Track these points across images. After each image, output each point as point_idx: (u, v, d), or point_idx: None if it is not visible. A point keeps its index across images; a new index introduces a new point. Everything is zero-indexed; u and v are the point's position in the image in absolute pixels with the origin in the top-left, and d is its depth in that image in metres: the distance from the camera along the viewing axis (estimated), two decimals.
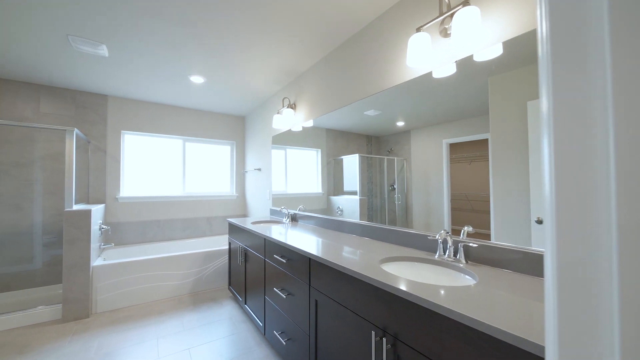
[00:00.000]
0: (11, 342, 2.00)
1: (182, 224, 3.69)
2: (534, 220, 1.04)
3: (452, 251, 1.22)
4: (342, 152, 2.03)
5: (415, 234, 1.45)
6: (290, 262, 1.60)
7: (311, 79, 2.46)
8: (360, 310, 1.09)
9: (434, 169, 1.38)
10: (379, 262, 1.22)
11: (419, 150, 1.45)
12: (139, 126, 3.43)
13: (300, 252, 1.46)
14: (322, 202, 2.25)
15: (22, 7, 1.65)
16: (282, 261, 1.67)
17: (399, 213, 1.57)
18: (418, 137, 1.45)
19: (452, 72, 1.31)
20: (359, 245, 1.56)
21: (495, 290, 0.87)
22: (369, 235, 1.75)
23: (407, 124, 1.51)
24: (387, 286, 0.93)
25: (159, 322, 2.31)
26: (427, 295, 0.83)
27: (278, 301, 1.75)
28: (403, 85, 1.55)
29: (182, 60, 2.35)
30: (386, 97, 1.67)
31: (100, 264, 2.51)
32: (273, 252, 1.82)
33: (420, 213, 1.45)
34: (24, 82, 2.82)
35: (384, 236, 1.64)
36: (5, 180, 2.73)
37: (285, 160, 2.93)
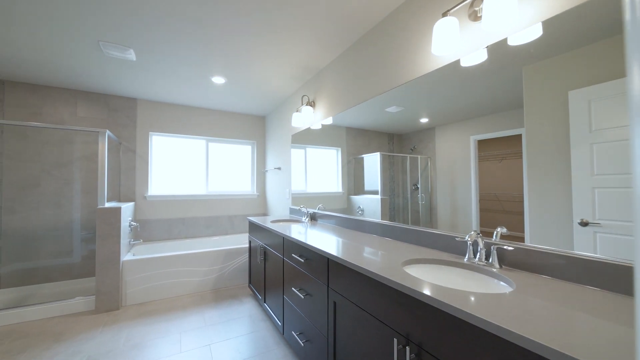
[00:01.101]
0: (49, 330, 2.14)
1: (205, 221, 3.79)
2: (577, 222, 0.92)
3: (483, 254, 1.11)
4: (362, 150, 1.98)
5: (440, 234, 1.35)
6: (309, 262, 1.56)
7: (330, 75, 2.41)
8: (381, 314, 1.02)
9: (461, 167, 1.29)
10: (402, 264, 1.14)
11: (444, 148, 1.37)
12: (165, 127, 3.57)
13: (319, 251, 1.41)
14: (342, 202, 2.21)
15: (58, 17, 1.76)
16: (301, 261, 1.64)
17: (422, 213, 1.50)
18: (443, 134, 1.37)
19: (482, 59, 1.21)
20: (380, 245, 1.48)
21: (535, 300, 0.77)
22: (390, 235, 1.67)
23: (431, 120, 1.44)
24: (411, 291, 0.86)
25: (182, 316, 2.37)
26: (457, 302, 0.75)
27: (296, 301, 1.72)
28: (428, 75, 1.46)
29: (203, 62, 2.40)
30: (409, 91, 1.59)
31: (129, 259, 2.63)
32: (291, 252, 1.80)
33: (445, 213, 1.37)
34: (63, 89, 3.03)
35: (406, 236, 1.55)
36: (47, 179, 2.95)
37: (304, 159, 2.91)
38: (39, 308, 2.31)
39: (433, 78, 1.43)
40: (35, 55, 2.26)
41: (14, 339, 2.02)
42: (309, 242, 1.57)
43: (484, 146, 1.20)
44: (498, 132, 1.15)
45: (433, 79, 1.43)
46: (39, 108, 2.93)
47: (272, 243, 2.17)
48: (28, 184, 2.87)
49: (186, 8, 1.71)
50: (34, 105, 2.91)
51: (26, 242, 2.85)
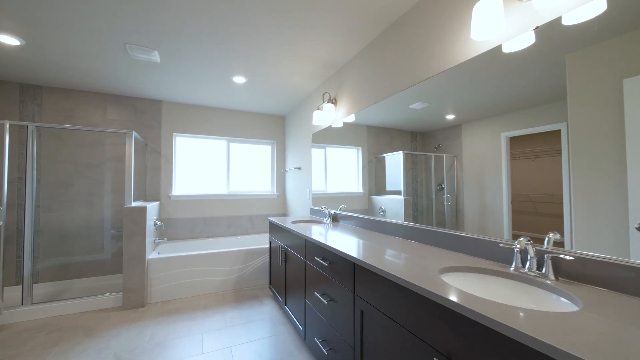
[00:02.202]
0: (81, 324, 2.22)
1: (226, 221, 3.82)
2: (634, 227, 0.79)
3: (534, 263, 0.98)
4: (384, 149, 1.91)
5: (478, 239, 1.22)
6: (333, 266, 1.48)
7: (353, 71, 2.32)
8: (417, 329, 0.92)
9: (490, 166, 1.21)
10: (439, 271, 1.03)
11: (471, 145, 1.29)
12: (188, 128, 3.64)
13: (344, 255, 1.33)
14: (363, 202, 2.14)
15: (87, 23, 1.81)
16: (324, 264, 1.56)
17: (448, 215, 1.42)
18: (471, 131, 1.30)
19: (528, 44, 1.07)
20: (408, 249, 1.37)
21: (611, 322, 0.64)
22: (416, 238, 1.55)
23: (458, 116, 1.36)
24: (456, 305, 0.75)
25: (204, 316, 2.37)
26: (516, 322, 0.63)
27: (319, 306, 1.64)
28: (462, 65, 1.33)
29: (225, 61, 2.40)
30: (437, 85, 1.48)
31: (154, 257, 2.69)
32: (314, 254, 1.72)
33: (473, 215, 1.29)
34: (94, 92, 3.16)
35: (436, 240, 1.42)
36: (80, 179, 3.09)
37: (324, 159, 2.86)
38: (73, 303, 2.41)
39: (468, 68, 1.31)
40: (67, 60, 2.36)
41: (49, 331, 2.11)
42: (332, 244, 1.49)
43: (515, 144, 1.12)
44: (533, 128, 1.06)
45: (467, 69, 1.31)
46: (72, 112, 3.08)
47: (293, 244, 2.11)
48: (63, 184, 3.02)
49: (208, 7, 1.69)
50: (68, 109, 3.06)
51: (62, 239, 3.00)
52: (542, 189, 1.03)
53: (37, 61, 2.37)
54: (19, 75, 2.70)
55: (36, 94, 2.94)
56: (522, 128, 1.09)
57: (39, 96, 2.95)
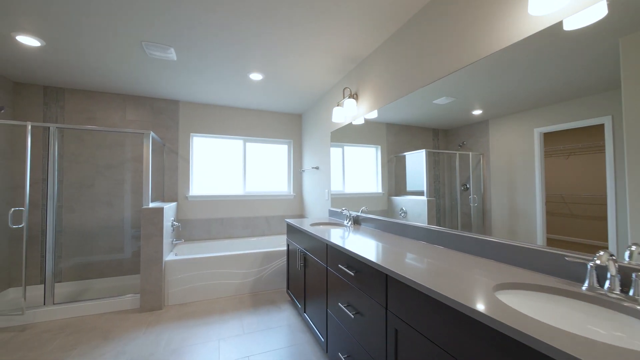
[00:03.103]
0: (99, 326, 2.19)
1: (243, 222, 3.76)
2: None
3: (616, 283, 0.80)
4: (404, 148, 1.83)
5: (535, 249, 1.04)
6: (360, 276, 1.34)
7: (375, 64, 2.17)
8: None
9: (521, 165, 1.13)
10: (492, 289, 0.87)
11: (500, 143, 1.21)
12: (205, 128, 3.61)
13: (374, 265, 1.18)
14: (382, 203, 2.05)
15: (104, 21, 1.77)
16: (349, 273, 1.42)
17: (474, 217, 1.33)
18: (499, 127, 1.21)
19: (598, 17, 0.89)
20: (447, 259, 1.21)
21: None
22: (451, 245, 1.38)
23: (485, 112, 1.27)
24: (525, 337, 0.60)
25: (221, 321, 2.30)
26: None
27: (343, 318, 1.51)
28: (505, 51, 1.17)
29: (241, 58, 2.31)
30: (467, 77, 1.36)
31: (171, 259, 2.65)
32: (337, 261, 1.59)
33: (502, 217, 1.21)
34: (114, 94, 3.18)
35: (477, 249, 1.25)
36: (100, 180, 3.11)
37: (342, 158, 2.74)
38: (92, 304, 2.40)
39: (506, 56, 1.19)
40: (86, 61, 2.35)
41: (68, 333, 2.10)
42: (359, 252, 1.35)
43: (546, 140, 1.05)
44: (570, 123, 0.97)
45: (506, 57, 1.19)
46: (93, 113, 3.11)
47: (312, 249, 1.99)
48: (84, 185, 3.05)
49: (223, 2, 1.60)
50: (89, 110, 3.09)
51: (83, 239, 3.03)
52: (577, 189, 0.96)
53: (58, 62, 2.38)
54: (42, 78, 2.75)
55: (59, 96, 2.99)
56: (558, 123, 1.01)
57: (61, 98, 2.99)
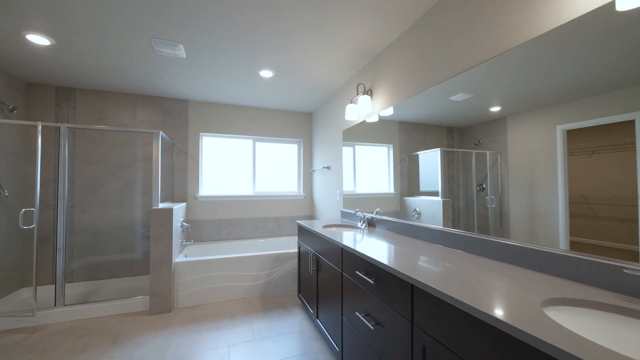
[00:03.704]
0: (108, 329, 2.16)
1: (252, 223, 3.70)
2: None
3: None
4: (417, 147, 1.78)
5: (587, 260, 0.91)
6: (380, 284, 1.23)
7: (392, 58, 2.05)
8: None
9: (542, 163, 1.08)
10: (540, 305, 0.76)
11: (519, 141, 1.16)
12: (214, 128, 3.56)
13: (398, 274, 1.08)
14: (394, 204, 2.00)
15: (112, 18, 1.72)
16: (368, 281, 1.32)
17: (492, 218, 1.28)
18: (518, 124, 1.16)
19: None
20: (474, 266, 1.09)
21: None
22: (473, 249, 1.26)
23: (504, 108, 1.22)
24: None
25: (231, 326, 2.23)
26: None
27: (360, 329, 1.41)
28: (546, 35, 1.05)
29: (251, 54, 2.24)
30: (491, 71, 1.27)
31: (180, 260, 2.60)
32: (354, 266, 1.49)
33: (521, 219, 1.16)
34: (124, 93, 3.17)
35: (504, 255, 1.13)
36: (111, 180, 3.10)
37: (353, 157, 2.67)
38: (102, 305, 2.37)
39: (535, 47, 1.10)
40: (96, 60, 2.32)
41: (77, 336, 2.07)
42: (380, 258, 1.25)
43: (569, 138, 1.00)
44: (596, 120, 0.92)
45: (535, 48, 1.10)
46: (104, 113, 3.10)
47: (326, 252, 1.89)
48: (95, 185, 3.04)
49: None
50: (100, 110, 3.09)
51: (94, 239, 3.02)
52: (601, 189, 0.92)
53: (68, 62, 2.36)
54: (54, 78, 2.74)
55: (70, 97, 2.99)
56: (582, 120, 0.95)
57: (72, 98, 2.99)
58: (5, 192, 2.53)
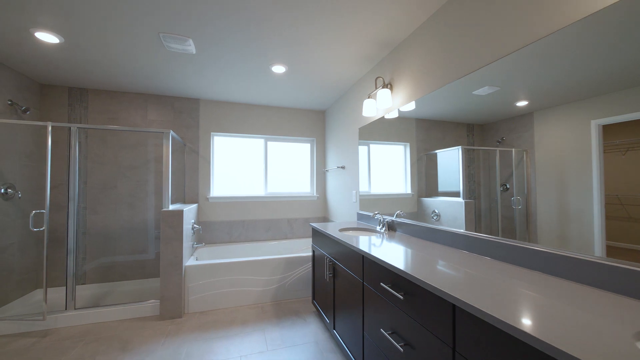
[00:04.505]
0: (118, 335, 2.09)
1: (265, 224, 3.60)
2: None
3: None
4: (436, 145, 1.70)
5: None
6: (411, 300, 1.08)
7: (414, 48, 1.89)
8: None
9: (574, 161, 1.00)
10: (632, 337, 0.59)
11: (547, 137, 1.09)
12: (226, 127, 3.48)
13: (436, 291, 0.92)
14: (412, 205, 1.91)
15: (119, 12, 1.64)
16: (396, 295, 1.17)
17: (518, 221, 1.19)
18: (546, 120, 1.08)
19: None
20: (526, 281, 0.92)
21: None
22: (508, 258, 1.08)
23: (532, 103, 1.13)
24: None
25: (242, 334, 2.12)
26: None
27: (386, 348, 1.26)
28: (588, 19, 0.94)
29: (263, 47, 2.12)
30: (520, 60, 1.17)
31: (191, 264, 2.52)
32: (377, 277, 1.34)
33: (549, 221, 1.08)
34: (135, 93, 3.13)
35: (550, 266, 0.95)
36: (122, 181, 3.06)
37: (368, 157, 2.56)
38: (113, 310, 2.32)
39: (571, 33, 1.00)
40: (105, 58, 2.26)
41: (87, 342, 2.01)
42: (411, 270, 1.09)
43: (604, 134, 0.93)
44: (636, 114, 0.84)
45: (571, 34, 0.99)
46: (116, 113, 3.07)
47: (344, 258, 1.75)
48: (107, 186, 3.01)
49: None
50: (112, 111, 3.06)
51: (106, 241, 3.00)
52: (637, 189, 0.86)
53: (78, 61, 2.32)
54: (66, 79, 2.72)
55: (82, 97, 2.97)
56: (620, 114, 0.88)
57: (85, 99, 2.97)
58: (19, 193, 2.52)
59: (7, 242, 2.41)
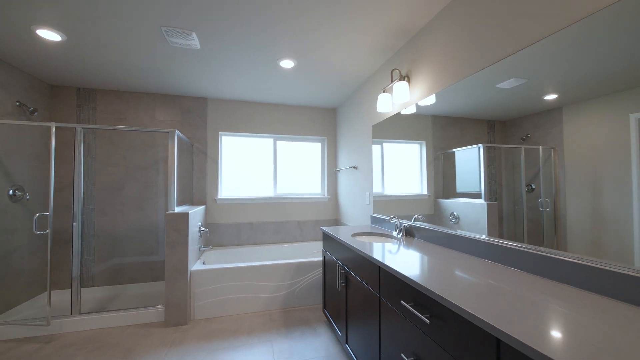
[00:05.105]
0: (122, 343, 2.01)
1: (274, 227, 3.48)
2: None
3: None
4: (453, 143, 1.59)
5: None
6: (439, 325, 0.91)
7: (433, 37, 1.71)
8: None
9: (609, 159, 0.90)
10: None
11: (578, 133, 0.99)
12: (234, 127, 3.39)
13: (475, 320, 0.75)
14: (428, 207, 1.80)
15: (120, 7, 1.55)
16: (421, 318, 1.00)
17: (546, 224, 1.09)
18: (577, 114, 0.99)
19: None
20: (590, 308, 0.74)
21: None
22: (544, 272, 0.89)
23: (562, 96, 1.03)
24: None
25: (249, 345, 2.00)
26: None
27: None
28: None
29: (270, 41, 1.99)
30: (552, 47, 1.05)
31: (197, 268, 2.42)
32: (396, 292, 1.17)
33: (582, 226, 0.97)
34: (143, 93, 3.08)
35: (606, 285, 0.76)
36: (130, 182, 3.02)
37: (381, 156, 2.41)
38: (117, 315, 2.25)
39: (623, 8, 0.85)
40: (109, 56, 2.20)
41: (90, 349, 1.94)
42: (438, 289, 0.93)
43: None
44: None
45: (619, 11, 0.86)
46: (124, 114, 3.03)
47: (357, 267, 1.59)
48: (115, 187, 2.97)
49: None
50: (120, 111, 3.02)
51: (115, 243, 2.95)
52: None
53: (82, 60, 2.26)
54: (74, 80, 2.69)
55: (91, 98, 2.94)
56: None
57: (93, 100, 2.94)
58: (27, 195, 2.50)
59: (16, 244, 2.39)
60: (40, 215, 2.43)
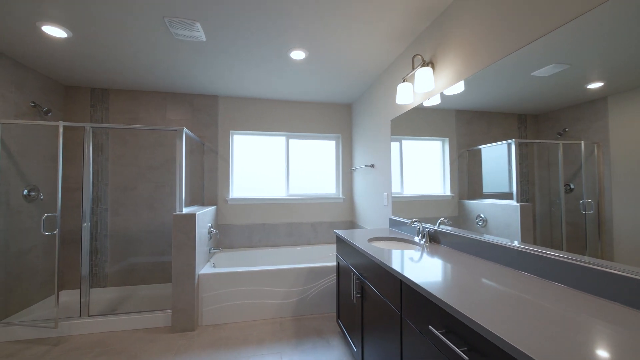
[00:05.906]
0: (128, 348, 1.94)
1: (286, 229, 3.35)
2: None
3: None
4: (479, 140, 1.45)
5: None
6: (478, 359, 0.71)
7: (463, 14, 1.49)
8: None
9: None
10: None
11: (628, 127, 0.83)
12: (245, 125, 3.28)
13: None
14: (451, 208, 1.65)
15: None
16: (454, 350, 0.80)
17: (589, 229, 0.94)
18: (625, 105, 0.83)
19: None
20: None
21: None
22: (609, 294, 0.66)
23: (607, 84, 0.87)
24: None
25: (258, 356, 1.86)
26: None
27: None
28: None
29: (279, 30, 1.84)
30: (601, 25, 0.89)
31: (206, 272, 2.32)
32: (422, 313, 0.98)
33: (632, 230, 0.81)
34: (154, 92, 3.04)
35: None
36: (142, 182, 2.99)
37: (400, 154, 2.22)
38: (125, 319, 2.19)
39: None
40: (114, 52, 2.14)
41: (95, 354, 1.88)
42: (476, 314, 0.73)
43: None
44: None
45: None
46: (136, 113, 3.01)
47: (375, 278, 1.40)
48: (127, 187, 2.95)
49: None
50: (132, 111, 3.00)
51: (127, 244, 2.93)
52: None
53: (91, 58, 2.23)
54: (87, 80, 2.69)
55: (104, 98, 2.93)
56: None
57: (106, 99, 2.94)
58: (41, 195, 2.51)
59: (30, 244, 2.40)
60: (49, 216, 2.43)
